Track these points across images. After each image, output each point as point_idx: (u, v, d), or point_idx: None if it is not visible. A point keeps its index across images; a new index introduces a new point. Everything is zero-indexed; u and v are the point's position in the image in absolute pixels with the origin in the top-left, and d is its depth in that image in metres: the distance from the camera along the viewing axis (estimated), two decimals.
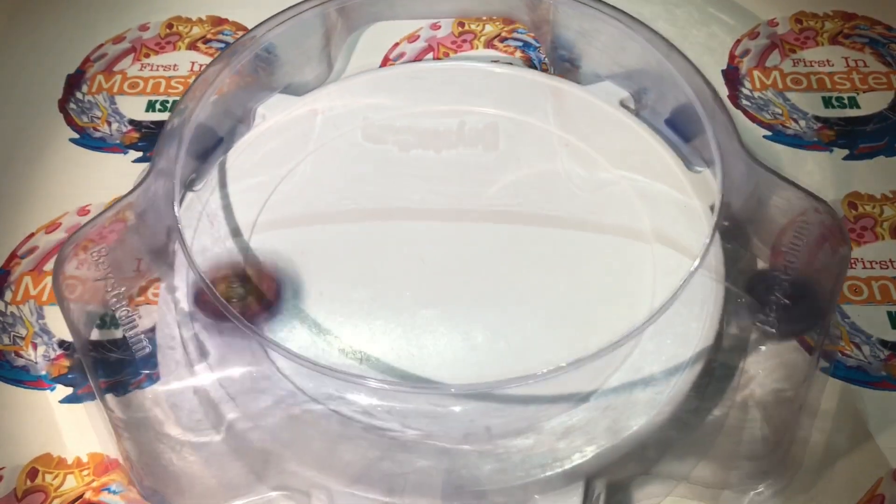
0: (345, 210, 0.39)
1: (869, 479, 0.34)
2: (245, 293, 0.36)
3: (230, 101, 0.42)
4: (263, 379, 0.33)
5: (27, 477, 0.34)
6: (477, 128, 0.41)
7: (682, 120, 0.40)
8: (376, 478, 0.31)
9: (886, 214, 0.41)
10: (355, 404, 0.32)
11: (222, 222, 0.38)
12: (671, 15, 0.49)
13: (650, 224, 0.38)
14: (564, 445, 0.31)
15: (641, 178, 0.39)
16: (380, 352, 0.34)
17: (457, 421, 0.32)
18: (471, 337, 0.34)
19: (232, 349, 0.34)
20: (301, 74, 0.45)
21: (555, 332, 0.35)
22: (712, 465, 0.33)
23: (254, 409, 0.33)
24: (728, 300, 0.35)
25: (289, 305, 0.36)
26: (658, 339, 0.34)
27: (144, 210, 0.37)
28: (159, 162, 0.37)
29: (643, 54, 0.40)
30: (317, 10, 0.42)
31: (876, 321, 0.38)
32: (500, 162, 0.40)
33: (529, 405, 0.32)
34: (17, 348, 0.38)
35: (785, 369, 0.35)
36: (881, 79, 0.46)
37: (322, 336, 0.35)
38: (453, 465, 0.31)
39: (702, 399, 0.34)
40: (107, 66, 0.48)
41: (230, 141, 0.42)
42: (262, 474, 0.33)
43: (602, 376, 0.33)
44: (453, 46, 0.48)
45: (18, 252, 0.41)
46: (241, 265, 0.37)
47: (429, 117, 0.42)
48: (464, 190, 0.39)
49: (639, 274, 0.36)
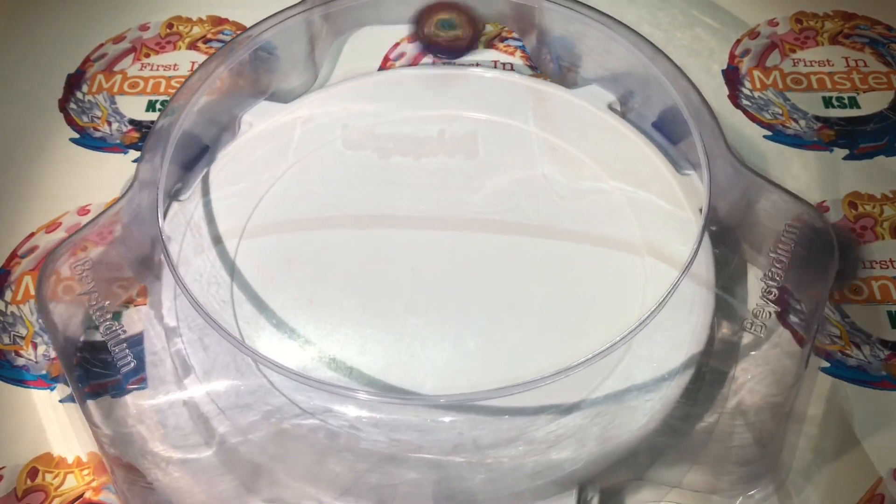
0: (333, 218, 0.38)
1: (860, 482, 0.34)
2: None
3: (215, 108, 0.42)
4: (252, 392, 0.33)
5: (27, 476, 0.35)
6: (458, 135, 0.41)
7: (669, 123, 0.40)
8: (366, 490, 0.31)
9: (886, 214, 0.41)
10: (344, 416, 0.32)
11: (208, 232, 0.38)
12: (655, 18, 0.49)
13: (639, 229, 0.37)
14: (556, 453, 0.31)
15: (630, 183, 0.39)
16: (369, 360, 0.34)
17: (445, 432, 0.32)
18: (460, 345, 0.34)
19: (219, 363, 0.34)
20: (287, 81, 0.44)
21: (545, 340, 0.34)
22: (703, 470, 0.33)
23: (244, 423, 0.32)
24: (718, 305, 0.35)
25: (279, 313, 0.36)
26: (649, 345, 0.34)
27: (130, 221, 0.37)
28: (143, 171, 0.37)
29: (629, 57, 0.40)
30: (301, 16, 0.42)
31: (876, 321, 0.38)
32: (487, 168, 0.40)
33: (519, 414, 0.32)
34: (17, 348, 0.38)
35: (775, 374, 0.35)
36: (881, 79, 0.46)
37: (311, 346, 0.35)
38: (444, 476, 0.31)
39: (693, 405, 0.34)
40: (107, 66, 0.48)
41: (216, 150, 0.42)
42: (252, 487, 0.33)
43: (593, 383, 0.33)
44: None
45: (19, 251, 0.41)
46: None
47: (417, 123, 0.41)
48: (452, 197, 0.39)
49: (628, 280, 0.36)
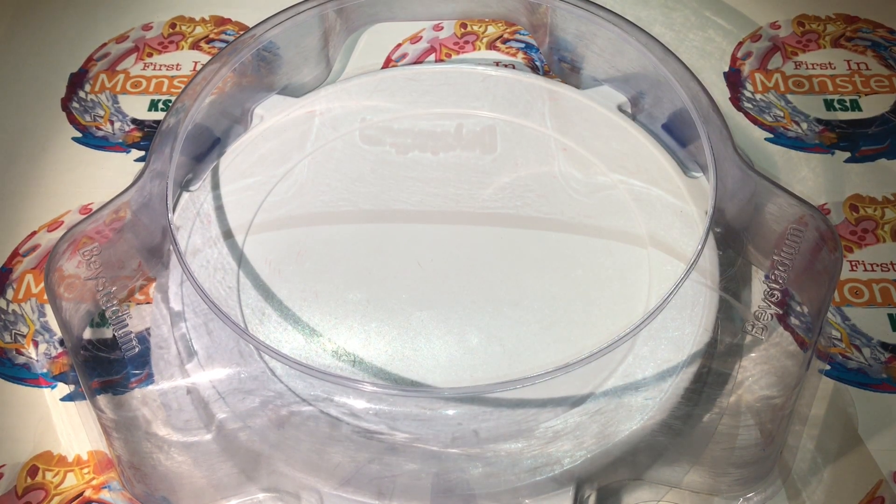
0: (341, 212, 0.39)
1: (860, 484, 0.34)
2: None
3: (227, 101, 0.42)
4: (253, 379, 0.33)
5: (27, 474, 0.35)
6: (475, 131, 0.41)
7: (679, 125, 0.40)
8: (365, 480, 0.31)
9: (888, 217, 0.41)
10: (346, 407, 0.32)
11: (217, 223, 0.38)
12: (668, 19, 0.49)
13: (646, 229, 0.38)
14: (554, 450, 0.31)
15: (638, 183, 0.39)
16: (374, 353, 0.34)
17: (445, 424, 0.32)
18: (465, 339, 0.35)
19: (222, 349, 0.34)
20: (299, 75, 0.45)
21: (550, 336, 0.35)
22: (703, 471, 0.33)
23: (243, 409, 0.33)
24: (721, 306, 0.35)
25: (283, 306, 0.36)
26: (651, 345, 0.34)
27: (139, 209, 0.37)
28: (155, 162, 0.38)
29: (640, 59, 0.40)
30: (315, 10, 0.42)
31: (877, 324, 0.38)
32: (497, 165, 0.40)
33: (519, 409, 0.32)
34: (18, 346, 0.38)
35: (776, 376, 0.35)
36: (883, 82, 0.46)
37: (316, 337, 0.35)
38: (442, 469, 0.31)
39: (693, 405, 0.34)
40: (110, 66, 0.48)
41: (227, 142, 0.42)
42: (252, 475, 0.34)
43: (595, 381, 0.33)
44: (455, 48, 0.48)
45: (21, 250, 0.41)
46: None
47: (426, 120, 0.42)
48: (460, 192, 0.39)
49: (634, 279, 0.36)
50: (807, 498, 0.33)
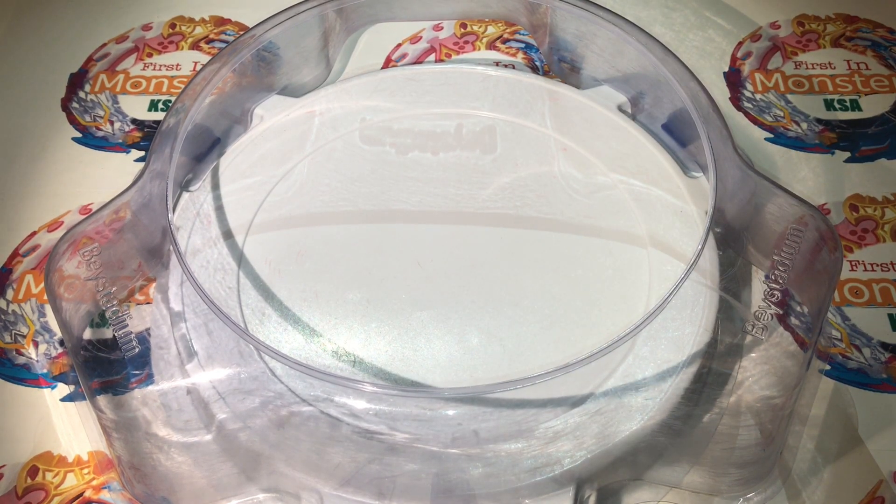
0: (341, 212, 0.39)
1: (860, 484, 0.34)
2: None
3: (227, 101, 0.42)
4: (253, 379, 0.33)
5: (27, 475, 0.35)
6: (475, 131, 0.41)
7: (679, 125, 0.40)
8: (365, 481, 0.31)
9: (888, 217, 0.41)
10: (346, 407, 0.32)
11: (217, 223, 0.38)
12: (668, 19, 0.49)
13: (646, 229, 0.38)
14: (554, 450, 0.31)
15: (638, 183, 0.39)
16: (374, 354, 0.34)
17: (446, 424, 0.32)
18: (465, 339, 0.35)
19: (222, 349, 0.34)
20: (299, 75, 0.45)
21: (550, 336, 0.35)
22: (703, 471, 0.33)
23: (243, 409, 0.33)
24: (721, 306, 0.35)
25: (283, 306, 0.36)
26: (652, 345, 0.34)
27: (139, 210, 0.37)
28: (155, 162, 0.38)
29: (640, 59, 0.40)
30: (315, 10, 0.42)
31: (877, 324, 0.38)
32: (497, 165, 0.40)
33: (520, 409, 0.32)
34: (18, 346, 0.38)
35: (776, 376, 0.35)
36: (883, 81, 0.46)
37: (316, 337, 0.35)
38: (442, 469, 0.31)
39: (693, 405, 0.34)
40: (110, 66, 0.48)
41: (227, 142, 0.42)
42: (252, 476, 0.34)
43: (595, 381, 0.33)
44: (455, 48, 0.48)
45: (21, 250, 0.41)
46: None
47: (426, 120, 0.42)
48: (460, 192, 0.39)
49: (634, 279, 0.36)
50: (807, 498, 0.33)
